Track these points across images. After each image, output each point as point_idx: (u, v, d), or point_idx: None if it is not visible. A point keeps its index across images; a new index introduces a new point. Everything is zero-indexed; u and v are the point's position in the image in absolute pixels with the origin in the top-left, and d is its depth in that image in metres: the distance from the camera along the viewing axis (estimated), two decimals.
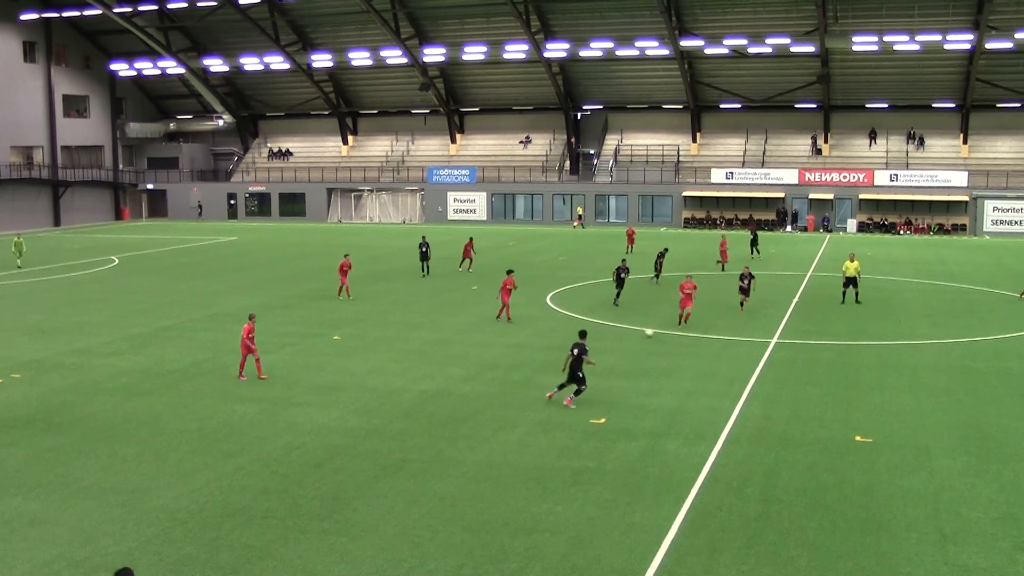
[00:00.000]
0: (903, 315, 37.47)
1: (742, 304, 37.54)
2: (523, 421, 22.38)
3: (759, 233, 62.71)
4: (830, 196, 79.36)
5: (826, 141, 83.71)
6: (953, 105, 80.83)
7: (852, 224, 78.56)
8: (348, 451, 20.23)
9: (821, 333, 33.48)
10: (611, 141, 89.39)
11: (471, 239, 51.71)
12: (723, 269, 50.25)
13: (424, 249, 48.20)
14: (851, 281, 39.51)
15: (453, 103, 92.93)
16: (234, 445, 20.65)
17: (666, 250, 47.76)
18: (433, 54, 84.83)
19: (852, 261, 39.80)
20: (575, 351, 23.32)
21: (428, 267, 48.24)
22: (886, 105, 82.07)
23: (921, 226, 77.76)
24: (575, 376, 23.32)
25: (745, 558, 15.02)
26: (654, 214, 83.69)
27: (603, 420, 22.24)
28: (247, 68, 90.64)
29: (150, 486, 18.10)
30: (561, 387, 23.85)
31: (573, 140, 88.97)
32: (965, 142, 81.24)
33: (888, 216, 78.62)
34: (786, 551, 15.27)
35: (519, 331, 33.74)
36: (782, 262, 54.76)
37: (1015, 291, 42.84)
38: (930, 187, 77.54)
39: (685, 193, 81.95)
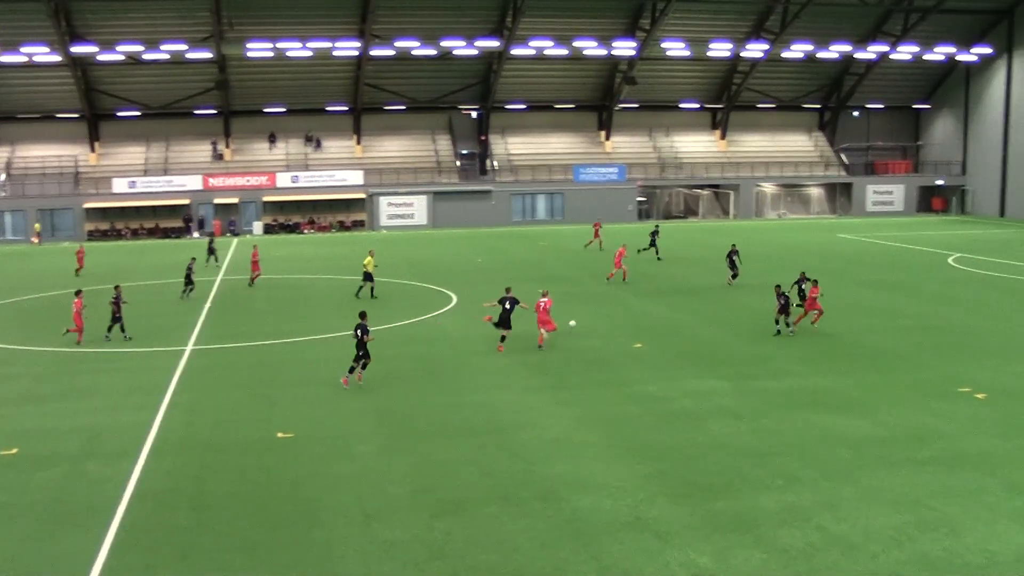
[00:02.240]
0: (314, 311, 39.09)
1: None
2: None
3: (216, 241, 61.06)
4: (235, 200, 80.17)
5: (228, 146, 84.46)
6: (346, 108, 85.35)
7: (259, 226, 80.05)
8: None
9: (236, 336, 33.95)
10: (1, 155, 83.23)
11: None
12: (251, 283, 47.83)
13: None
14: (369, 276, 41.46)
15: None
16: None
17: (194, 259, 45.78)
18: None
19: (371, 257, 42.37)
20: (359, 332, 25.81)
21: None
22: (284, 109, 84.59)
23: (324, 224, 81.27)
24: (364, 352, 25.89)
25: (182, 570, 15.04)
26: (55, 228, 79.13)
27: (15, 450, 20.94)
28: None
29: None
30: (351, 370, 26.10)
31: None
32: (359, 143, 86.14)
33: (292, 216, 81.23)
34: (223, 556, 15.50)
35: None
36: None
37: (415, 279, 46.31)
38: (330, 186, 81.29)
39: (87, 205, 78.42)
